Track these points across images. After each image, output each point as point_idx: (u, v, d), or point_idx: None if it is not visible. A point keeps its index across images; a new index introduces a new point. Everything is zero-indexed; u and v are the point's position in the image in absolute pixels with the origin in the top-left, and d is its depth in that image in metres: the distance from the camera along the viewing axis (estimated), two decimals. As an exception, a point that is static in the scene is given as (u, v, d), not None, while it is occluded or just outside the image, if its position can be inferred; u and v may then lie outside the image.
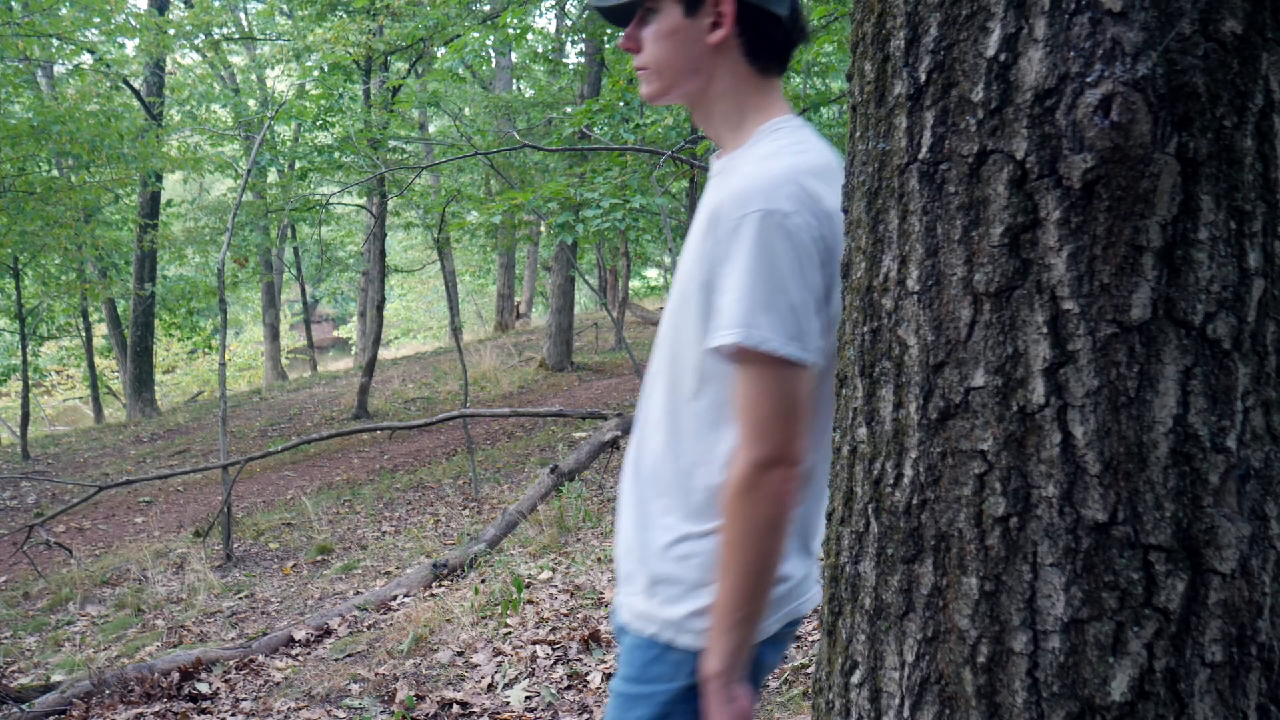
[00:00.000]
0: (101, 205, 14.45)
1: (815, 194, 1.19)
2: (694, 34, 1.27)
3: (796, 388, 1.18)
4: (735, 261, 1.18)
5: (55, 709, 3.86)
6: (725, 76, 1.29)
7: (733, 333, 1.17)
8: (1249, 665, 0.89)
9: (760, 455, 1.18)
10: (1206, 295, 0.87)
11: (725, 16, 1.26)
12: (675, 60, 1.29)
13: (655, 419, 1.35)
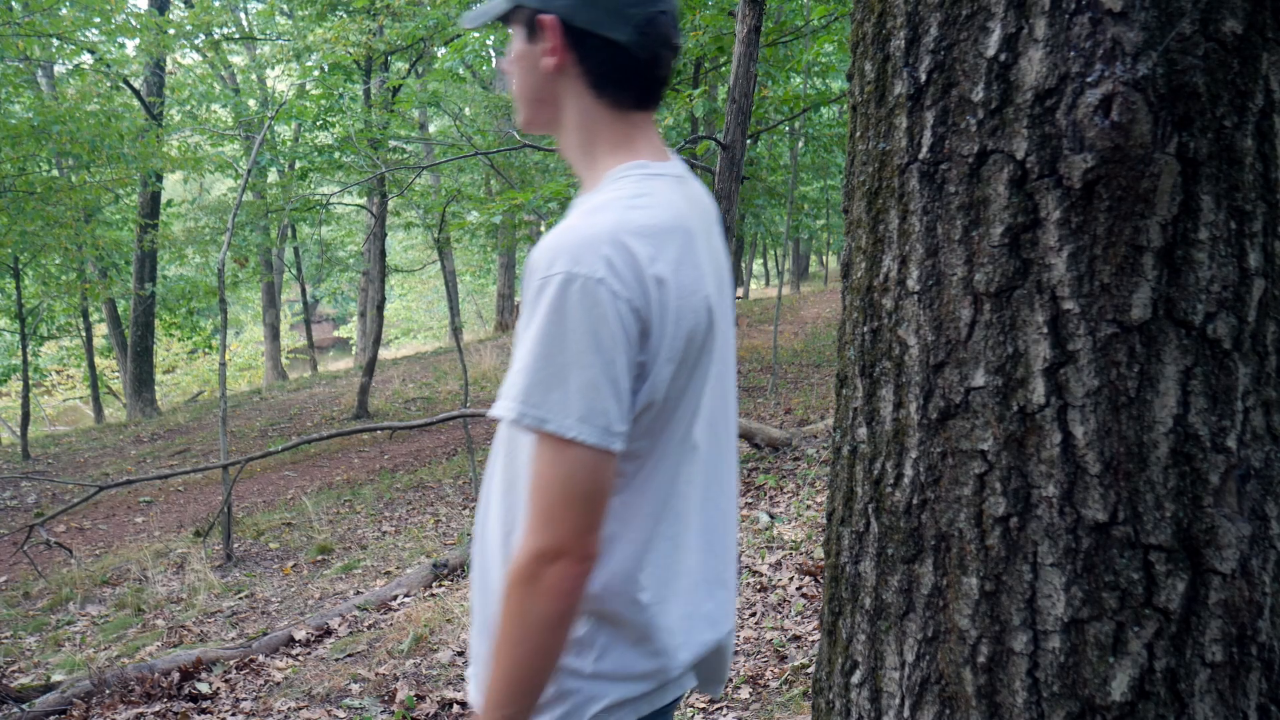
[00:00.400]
0: (102, 205, 14.46)
1: (639, 257, 1.04)
2: (534, 60, 1.18)
3: (589, 474, 1.05)
4: (532, 328, 1.05)
5: (55, 709, 3.86)
6: (572, 108, 1.19)
7: (509, 406, 1.05)
8: (1249, 665, 0.89)
9: (542, 545, 1.06)
10: (1207, 295, 0.87)
11: (553, 42, 1.16)
12: (522, 88, 1.21)
13: (493, 490, 1.22)
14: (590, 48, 1.15)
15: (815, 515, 5.52)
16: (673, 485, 1.11)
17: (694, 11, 7.28)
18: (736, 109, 2.46)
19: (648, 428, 1.08)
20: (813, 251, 31.97)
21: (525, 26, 1.18)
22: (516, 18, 1.18)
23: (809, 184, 18.05)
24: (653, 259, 1.05)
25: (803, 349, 13.19)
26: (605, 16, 1.14)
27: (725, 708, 3.38)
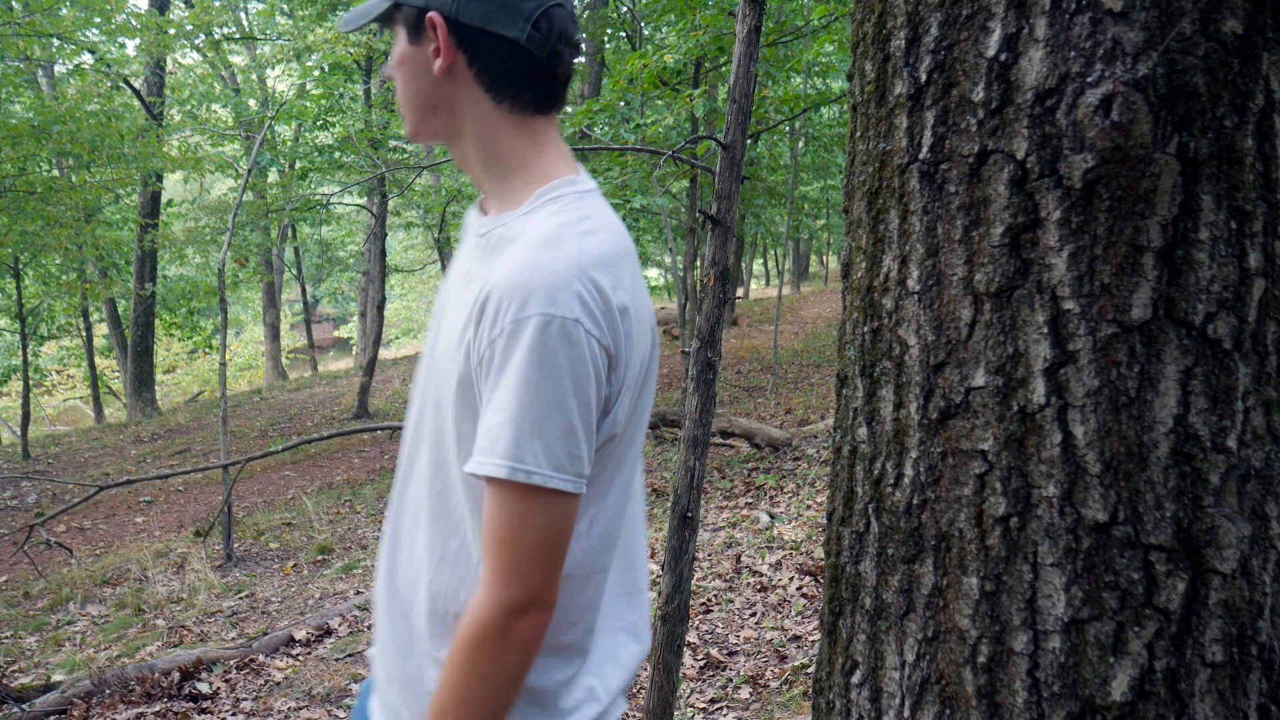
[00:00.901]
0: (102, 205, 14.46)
1: (603, 291, 1.00)
2: (420, 63, 1.08)
3: (562, 521, 1.00)
4: (509, 374, 0.99)
5: (56, 709, 3.86)
6: (469, 114, 1.10)
7: (498, 465, 0.98)
8: (1249, 665, 0.89)
9: (514, 598, 0.99)
10: (1207, 295, 0.87)
11: (440, 42, 1.07)
12: (408, 94, 1.11)
13: (417, 523, 1.13)
14: (483, 47, 1.07)
15: (815, 515, 5.52)
16: (623, 511, 1.08)
17: (694, 11, 7.27)
18: (736, 109, 2.46)
19: (605, 458, 1.05)
20: (813, 251, 31.96)
21: (408, 27, 1.08)
22: (398, 18, 1.09)
23: (809, 184, 18.05)
24: (614, 288, 1.01)
25: (803, 349, 13.18)
26: (496, 12, 1.05)
27: (725, 708, 3.38)
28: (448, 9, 1.05)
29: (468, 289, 1.07)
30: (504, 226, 1.09)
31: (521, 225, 1.07)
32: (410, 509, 1.15)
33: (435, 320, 1.16)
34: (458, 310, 1.07)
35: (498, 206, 1.13)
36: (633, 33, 11.90)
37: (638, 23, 11.59)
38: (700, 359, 2.56)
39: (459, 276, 1.13)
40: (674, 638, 2.54)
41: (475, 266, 1.10)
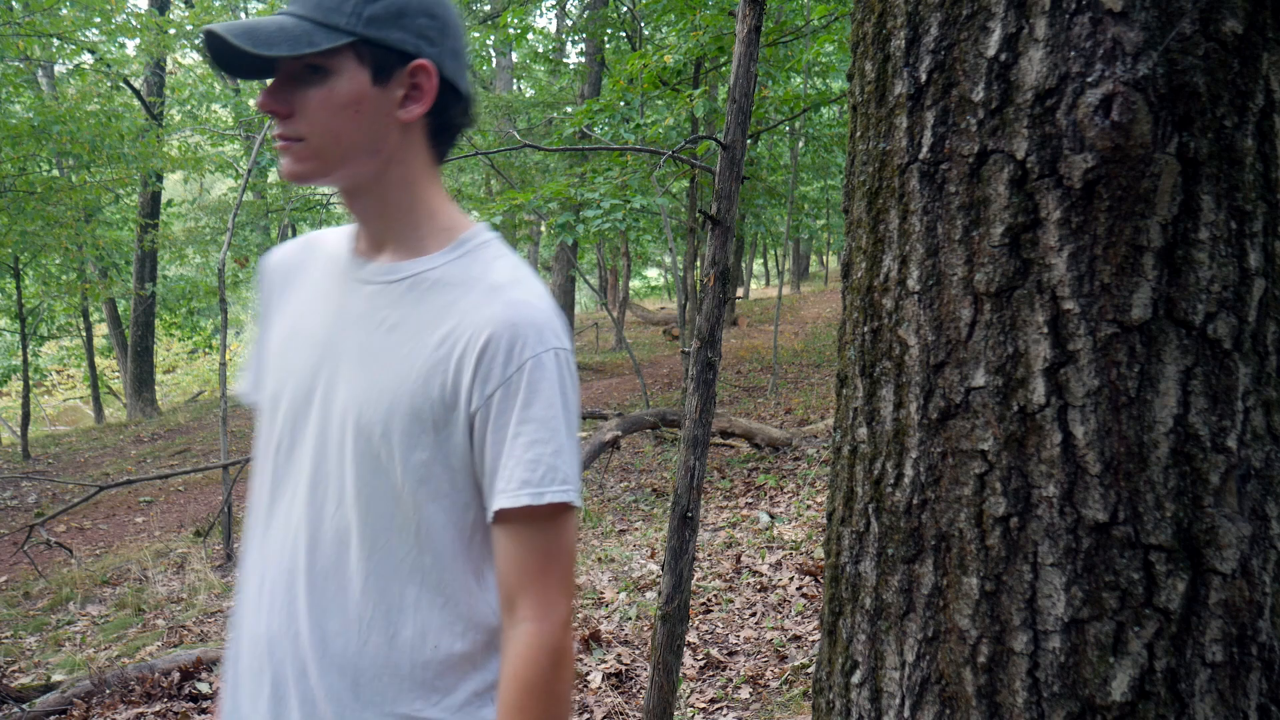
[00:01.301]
0: (102, 205, 14.45)
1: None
2: (383, 107, 1.06)
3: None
4: (540, 406, 1.04)
5: (56, 709, 3.86)
6: (405, 162, 1.10)
7: (564, 491, 1.05)
8: (1249, 665, 0.89)
9: (567, 613, 1.05)
10: (1207, 295, 0.87)
11: (426, 92, 1.07)
12: (353, 136, 1.06)
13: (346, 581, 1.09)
14: (448, 100, 1.09)
15: (815, 515, 5.52)
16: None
17: (694, 11, 7.28)
18: (736, 109, 2.46)
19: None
20: (813, 251, 31.96)
21: (372, 67, 1.05)
22: (348, 54, 1.04)
23: (809, 184, 18.05)
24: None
25: (803, 349, 13.18)
26: (460, 67, 1.10)
27: (725, 708, 3.38)
28: (436, 59, 1.07)
29: (414, 333, 1.09)
30: (432, 270, 1.11)
31: (464, 268, 1.11)
32: (329, 568, 1.10)
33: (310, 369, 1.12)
34: (400, 355, 1.08)
35: (396, 253, 1.13)
36: (633, 33, 11.90)
37: (638, 23, 11.59)
38: (700, 359, 2.56)
39: (374, 321, 1.11)
40: (674, 638, 2.54)
41: (406, 312, 1.10)
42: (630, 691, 3.55)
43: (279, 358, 1.18)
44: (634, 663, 3.77)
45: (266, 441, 1.17)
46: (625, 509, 6.35)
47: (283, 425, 1.14)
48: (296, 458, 1.13)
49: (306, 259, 1.23)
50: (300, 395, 1.14)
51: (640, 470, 7.49)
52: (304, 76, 1.05)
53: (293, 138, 1.06)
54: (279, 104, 1.05)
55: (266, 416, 1.17)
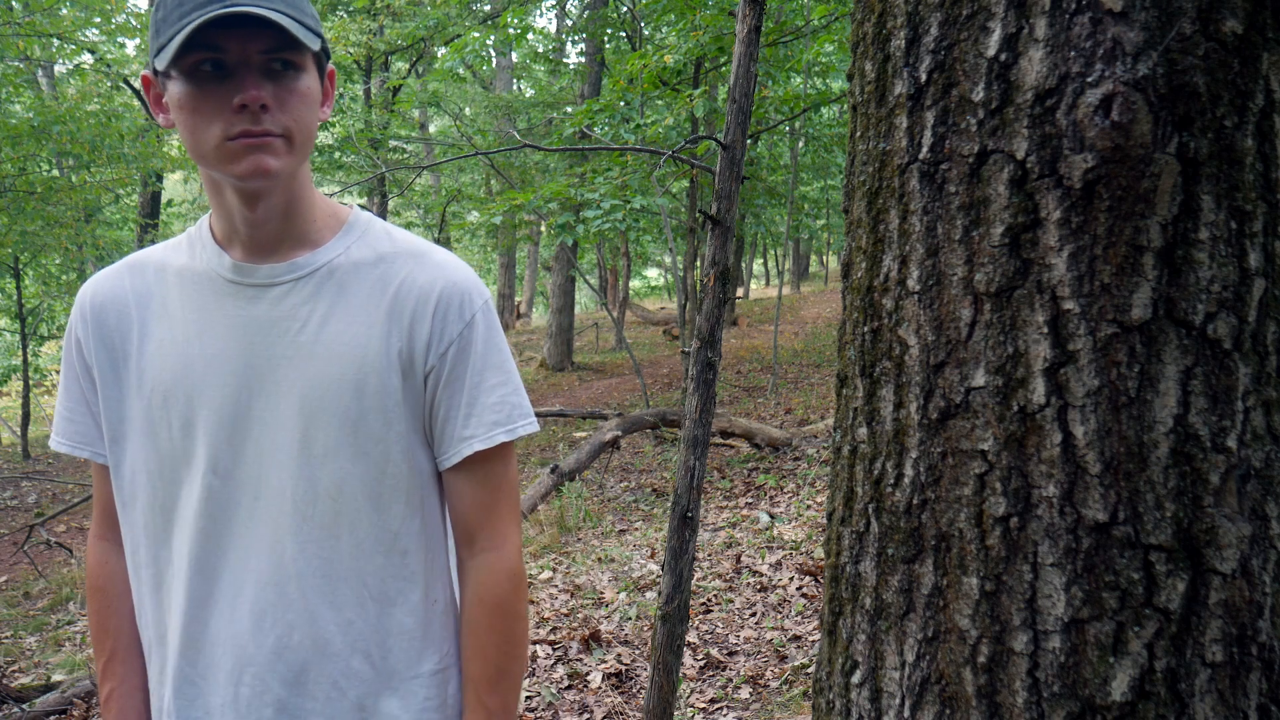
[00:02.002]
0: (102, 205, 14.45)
1: None
2: (317, 104, 1.12)
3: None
4: (492, 354, 1.15)
5: (56, 709, 3.86)
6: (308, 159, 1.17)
7: (528, 424, 1.16)
8: (1249, 665, 0.89)
9: (518, 540, 1.18)
10: (1207, 295, 0.87)
11: (331, 94, 1.17)
12: (311, 129, 1.11)
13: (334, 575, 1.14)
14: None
15: (815, 515, 5.52)
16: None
17: (694, 11, 7.27)
18: (736, 109, 2.46)
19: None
20: (813, 251, 31.95)
21: (318, 67, 1.13)
22: (314, 55, 1.11)
23: (809, 184, 18.05)
24: None
25: (803, 349, 13.18)
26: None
27: (725, 708, 3.38)
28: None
29: (353, 316, 1.13)
30: (341, 256, 1.16)
31: (370, 246, 1.17)
32: (331, 560, 1.14)
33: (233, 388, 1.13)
34: (348, 341, 1.12)
35: (292, 249, 1.15)
36: (633, 33, 11.90)
37: (638, 23, 11.59)
38: (700, 359, 2.56)
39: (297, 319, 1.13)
40: (674, 638, 2.54)
41: (332, 301, 1.13)
42: (630, 691, 3.55)
43: (168, 390, 1.14)
44: (634, 663, 3.77)
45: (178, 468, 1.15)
46: (625, 509, 6.35)
47: (213, 450, 1.13)
48: (241, 476, 1.13)
49: (147, 287, 1.19)
50: (230, 415, 1.13)
51: (640, 470, 7.49)
52: (277, 73, 1.05)
53: (277, 133, 1.06)
54: (267, 96, 1.04)
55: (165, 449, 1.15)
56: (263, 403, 1.13)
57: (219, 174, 1.09)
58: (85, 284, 1.23)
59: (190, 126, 1.06)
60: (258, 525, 1.13)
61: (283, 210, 1.14)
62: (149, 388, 1.16)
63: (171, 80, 1.06)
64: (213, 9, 0.99)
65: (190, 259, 1.18)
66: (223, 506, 1.14)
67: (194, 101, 1.04)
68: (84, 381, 1.21)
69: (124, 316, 1.19)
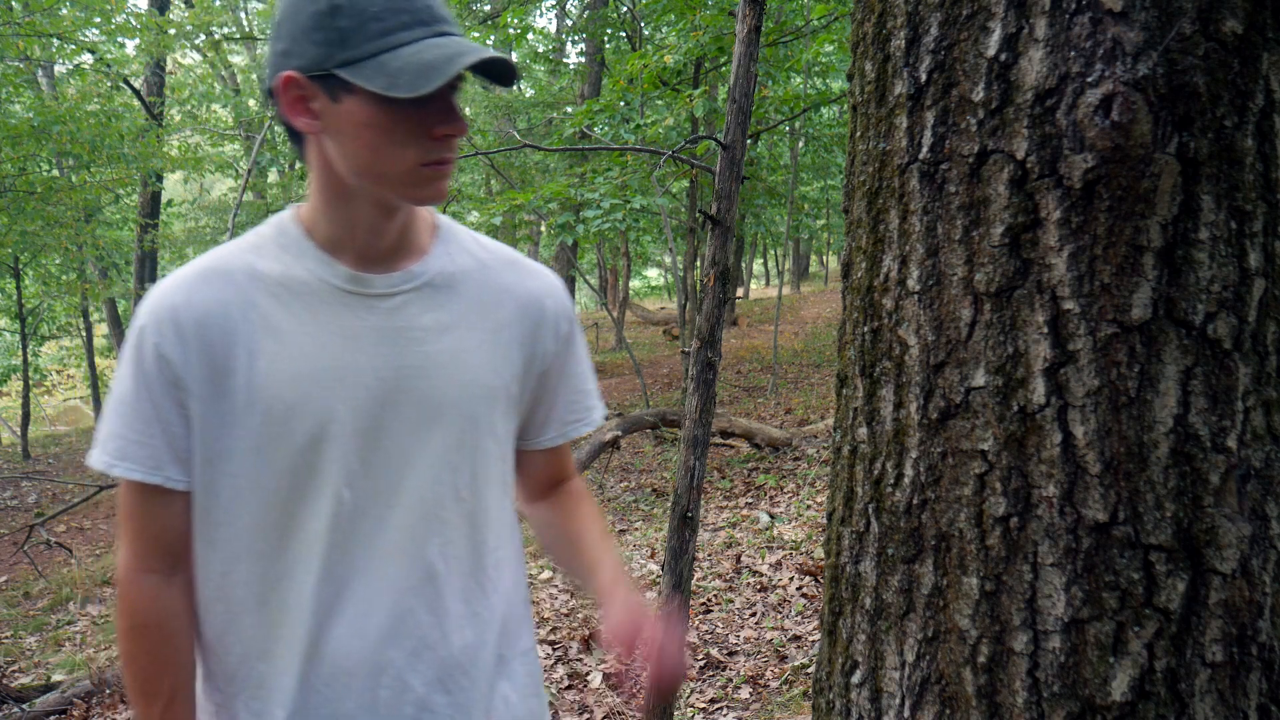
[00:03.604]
0: (102, 205, 14.45)
1: None
2: None
3: None
4: (581, 350, 1.28)
5: (56, 709, 3.86)
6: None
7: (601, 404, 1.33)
8: (1249, 665, 0.89)
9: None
10: (1207, 295, 0.87)
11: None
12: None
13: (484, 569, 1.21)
14: None
15: (815, 515, 5.52)
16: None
17: (694, 11, 7.27)
18: (736, 109, 2.46)
19: None
20: (813, 251, 31.93)
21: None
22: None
23: (809, 184, 18.04)
24: None
25: (803, 349, 13.18)
26: None
27: (725, 708, 3.38)
28: None
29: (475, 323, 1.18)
30: (448, 266, 1.18)
31: (468, 254, 1.21)
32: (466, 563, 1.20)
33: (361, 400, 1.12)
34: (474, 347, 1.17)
35: (403, 258, 1.16)
36: (633, 33, 11.90)
37: (638, 23, 11.59)
38: (700, 359, 2.56)
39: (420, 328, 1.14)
40: (674, 638, 2.54)
41: (452, 310, 1.17)
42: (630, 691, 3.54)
43: (290, 406, 1.11)
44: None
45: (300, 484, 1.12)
46: (625, 509, 6.34)
47: (344, 463, 1.12)
48: (370, 486, 1.14)
49: (243, 297, 1.13)
50: (360, 427, 1.12)
51: (640, 470, 7.49)
52: (451, 100, 1.05)
53: (453, 158, 1.08)
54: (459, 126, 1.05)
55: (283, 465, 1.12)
56: (391, 413, 1.13)
57: (390, 194, 1.07)
58: (163, 294, 1.13)
59: (374, 147, 1.03)
60: (390, 532, 1.14)
61: (405, 221, 1.14)
62: (264, 406, 1.11)
63: (353, 96, 1.02)
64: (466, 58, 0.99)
65: (287, 268, 1.13)
66: (351, 517, 1.13)
67: (390, 124, 1.02)
68: (165, 401, 1.11)
69: (226, 329, 1.11)
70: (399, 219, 1.13)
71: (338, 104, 1.04)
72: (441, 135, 1.03)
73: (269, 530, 1.14)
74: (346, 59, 1.01)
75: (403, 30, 1.00)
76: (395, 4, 1.01)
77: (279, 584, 1.15)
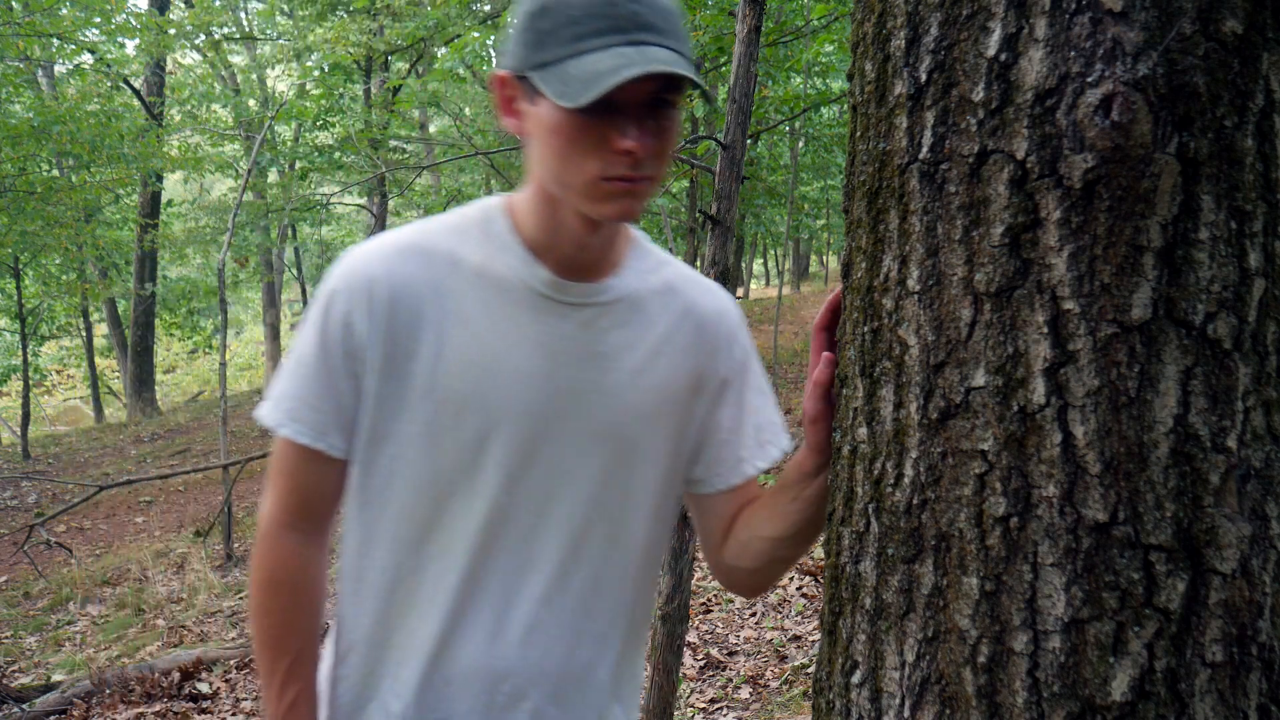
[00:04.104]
0: (102, 205, 14.45)
1: None
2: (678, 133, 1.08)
3: None
4: (758, 376, 1.22)
5: (56, 709, 3.86)
6: None
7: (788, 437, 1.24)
8: (1249, 665, 0.89)
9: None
10: (1207, 295, 0.87)
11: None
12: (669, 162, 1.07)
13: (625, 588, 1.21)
14: None
15: (815, 515, 5.51)
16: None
17: (694, 11, 7.27)
18: (736, 109, 2.46)
19: None
20: (813, 251, 31.93)
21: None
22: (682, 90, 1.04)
23: (809, 184, 18.04)
24: None
25: (803, 349, 13.18)
26: None
27: (725, 708, 3.38)
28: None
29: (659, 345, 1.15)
30: (643, 285, 1.17)
31: (657, 274, 1.18)
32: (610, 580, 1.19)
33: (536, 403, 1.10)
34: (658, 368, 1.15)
35: (602, 270, 1.13)
36: (633, 33, 11.87)
37: (638, 23, 11.56)
38: (700, 359, 2.55)
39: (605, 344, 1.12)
40: (674, 638, 2.54)
41: (638, 329, 1.14)
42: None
43: (464, 401, 1.09)
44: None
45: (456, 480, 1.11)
46: (625, 509, 6.33)
47: (506, 467, 1.11)
48: (525, 493, 1.12)
49: (442, 281, 1.10)
50: (528, 433, 1.10)
51: (640, 470, 7.47)
52: (656, 111, 1.01)
53: (648, 176, 1.02)
54: (654, 143, 1.00)
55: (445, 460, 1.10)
56: (561, 425, 1.11)
57: (578, 205, 1.04)
58: (361, 263, 1.10)
59: (560, 154, 1.01)
60: (537, 543, 1.13)
61: (610, 235, 1.12)
62: (441, 394, 1.09)
63: (544, 100, 0.99)
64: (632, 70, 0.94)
65: (488, 260, 1.11)
66: (503, 522, 1.12)
67: (572, 132, 0.99)
68: (342, 369, 1.10)
69: (416, 310, 1.09)
70: (603, 233, 1.10)
71: (534, 107, 1.02)
72: (622, 150, 0.98)
73: (415, 520, 1.13)
74: (539, 61, 0.99)
75: (595, 36, 0.96)
76: (596, 9, 0.96)
77: (411, 575, 1.14)
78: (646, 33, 0.98)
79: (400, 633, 1.15)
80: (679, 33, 1.01)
